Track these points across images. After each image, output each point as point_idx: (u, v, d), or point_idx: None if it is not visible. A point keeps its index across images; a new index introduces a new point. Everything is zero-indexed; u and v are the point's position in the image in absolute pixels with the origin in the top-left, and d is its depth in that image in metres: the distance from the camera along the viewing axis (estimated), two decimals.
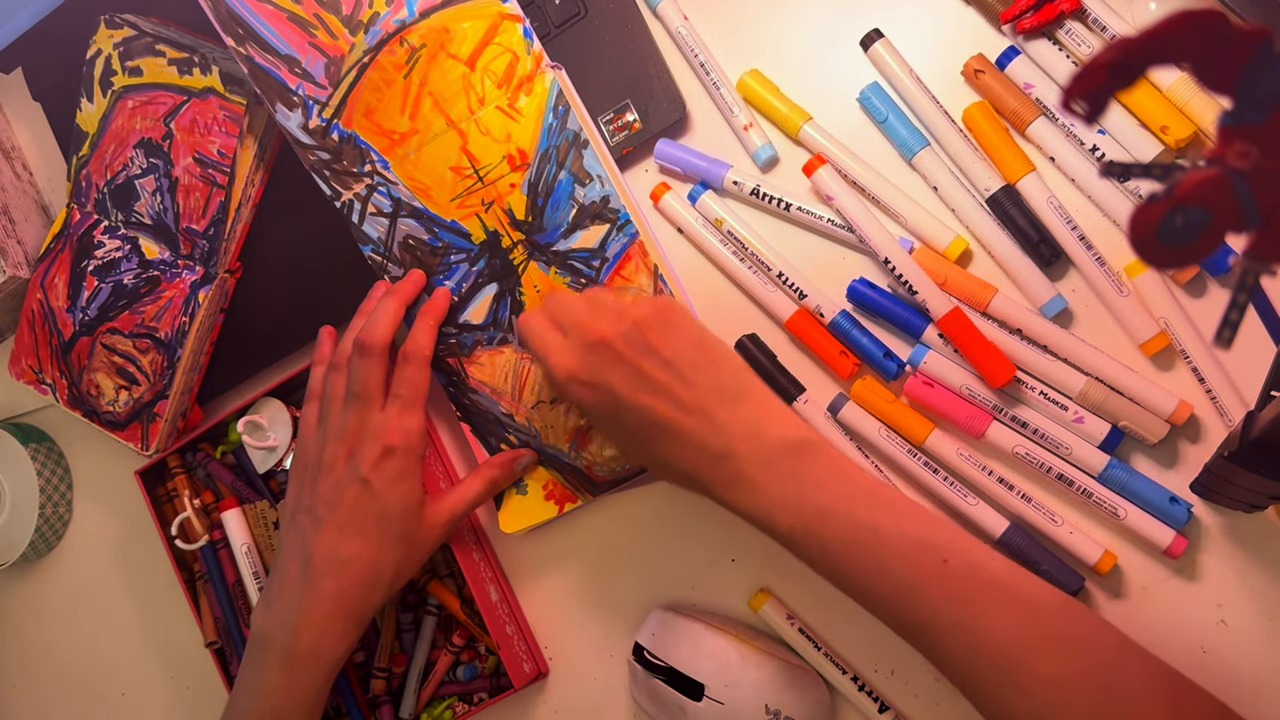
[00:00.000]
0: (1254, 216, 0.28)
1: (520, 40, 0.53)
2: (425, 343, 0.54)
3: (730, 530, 0.55)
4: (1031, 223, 0.49)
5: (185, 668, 0.67)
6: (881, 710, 0.51)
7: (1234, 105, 0.28)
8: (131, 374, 0.63)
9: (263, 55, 0.56)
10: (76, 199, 0.64)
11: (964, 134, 0.51)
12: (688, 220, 0.56)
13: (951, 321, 0.49)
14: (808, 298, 0.53)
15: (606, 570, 0.58)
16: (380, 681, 0.59)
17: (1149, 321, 0.48)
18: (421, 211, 0.55)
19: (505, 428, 0.56)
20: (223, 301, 0.63)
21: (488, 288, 0.55)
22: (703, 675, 0.50)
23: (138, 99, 0.62)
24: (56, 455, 0.71)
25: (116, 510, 0.69)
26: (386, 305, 0.54)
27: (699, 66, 0.55)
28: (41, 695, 0.72)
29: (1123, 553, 0.48)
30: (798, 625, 0.53)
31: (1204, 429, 0.48)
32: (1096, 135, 0.49)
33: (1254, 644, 0.47)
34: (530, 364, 0.55)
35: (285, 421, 0.61)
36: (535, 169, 0.54)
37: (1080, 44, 0.49)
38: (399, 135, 0.55)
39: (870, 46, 0.53)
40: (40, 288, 0.65)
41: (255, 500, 0.62)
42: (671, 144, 0.56)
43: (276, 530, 0.61)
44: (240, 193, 0.61)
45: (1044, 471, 0.49)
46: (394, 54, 0.55)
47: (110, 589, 0.70)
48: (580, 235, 0.54)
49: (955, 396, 0.50)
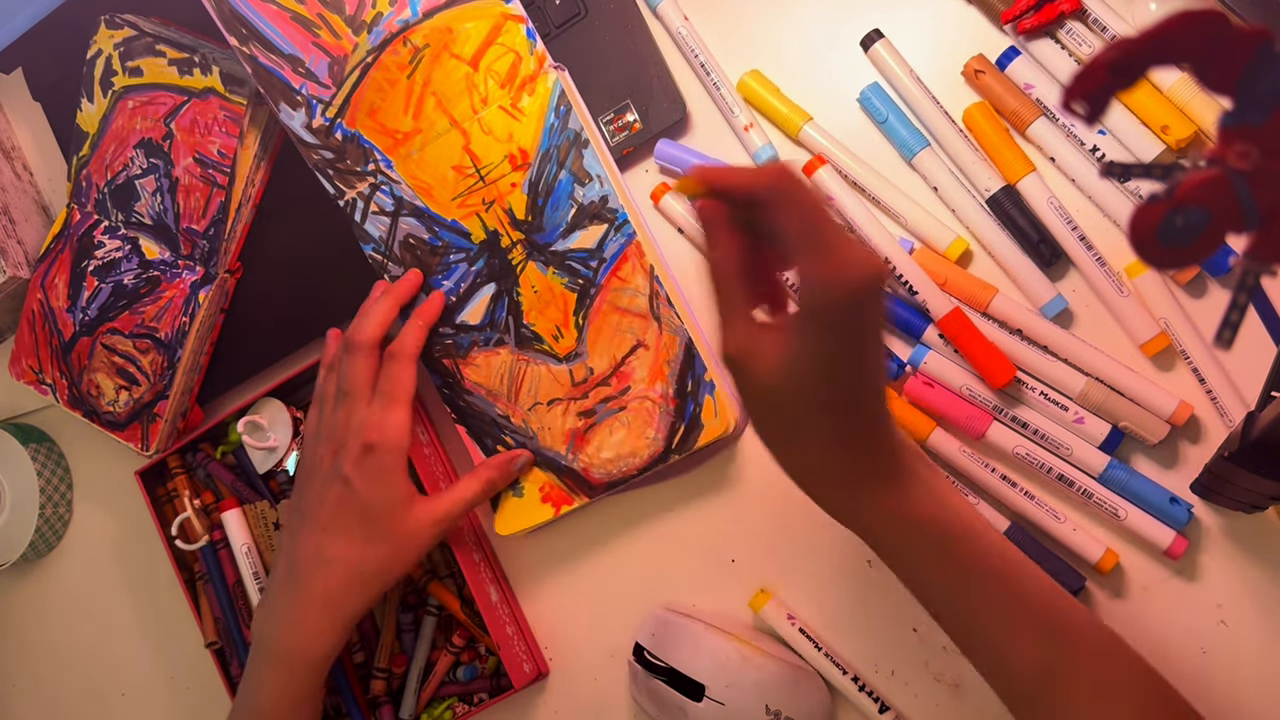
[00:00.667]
0: (1254, 217, 0.28)
1: (523, 41, 0.53)
2: (412, 341, 0.54)
3: (730, 530, 0.55)
4: (1032, 223, 0.49)
5: (185, 668, 0.67)
6: (881, 710, 0.51)
7: (1234, 105, 0.28)
8: (131, 374, 0.63)
9: (266, 55, 0.56)
10: (77, 199, 0.64)
11: (964, 134, 0.51)
12: (688, 220, 0.56)
13: (952, 322, 0.49)
14: None
15: (606, 570, 0.58)
16: (380, 682, 0.59)
17: (1149, 322, 0.48)
18: (423, 210, 0.55)
19: (501, 429, 0.56)
20: (223, 301, 0.63)
21: (486, 288, 0.55)
22: (703, 675, 0.50)
23: (138, 99, 0.62)
24: (56, 455, 0.70)
25: (116, 510, 0.69)
26: (380, 304, 0.54)
27: (699, 67, 0.55)
28: (42, 695, 0.72)
29: (1123, 553, 0.48)
30: (798, 625, 0.53)
31: (1204, 429, 0.48)
32: (1097, 135, 0.49)
33: (1254, 644, 0.47)
34: (527, 365, 0.55)
35: (285, 422, 0.61)
36: (536, 168, 0.54)
37: (1081, 44, 0.49)
38: (402, 134, 0.55)
39: (870, 47, 0.53)
40: (40, 288, 0.65)
41: (255, 500, 0.62)
42: (672, 144, 0.56)
43: (277, 530, 0.61)
44: (240, 193, 0.61)
45: (1044, 472, 0.49)
46: (397, 54, 0.55)
47: (110, 589, 0.70)
48: (579, 235, 0.54)
49: (955, 397, 0.50)
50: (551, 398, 0.55)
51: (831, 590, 0.53)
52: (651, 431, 0.53)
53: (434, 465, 0.58)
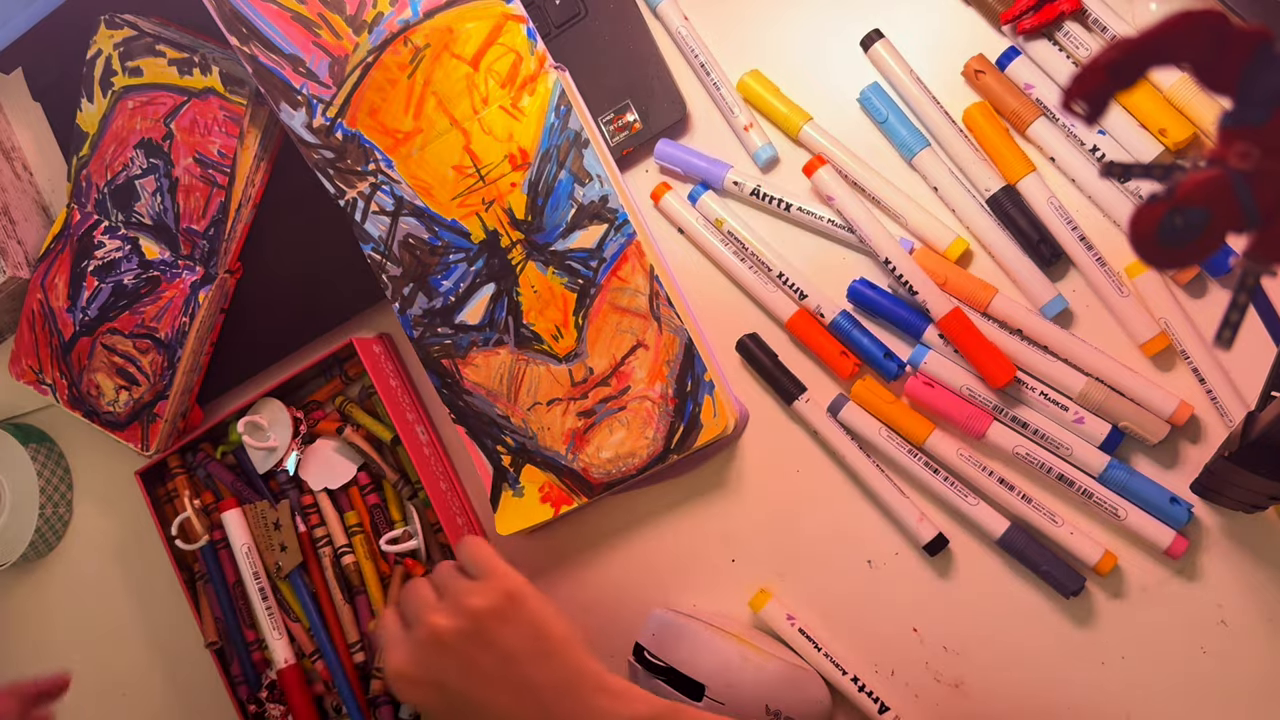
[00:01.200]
0: (1254, 217, 0.28)
1: (524, 41, 0.53)
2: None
3: (730, 530, 0.55)
4: (1032, 223, 0.49)
5: (185, 668, 0.67)
6: (881, 710, 0.51)
7: (1234, 106, 0.28)
8: (131, 374, 0.63)
9: (267, 54, 0.56)
10: (77, 199, 0.64)
11: (964, 134, 0.51)
12: (688, 220, 0.56)
13: (952, 322, 0.49)
14: (808, 298, 0.53)
15: (606, 570, 0.58)
16: (380, 682, 0.59)
17: (1149, 322, 0.48)
18: (423, 210, 0.55)
19: (501, 429, 0.56)
20: (223, 301, 0.63)
21: (485, 288, 0.55)
22: (703, 675, 0.50)
23: (138, 99, 0.62)
24: (56, 455, 0.70)
25: (116, 510, 0.69)
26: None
27: (699, 67, 0.55)
28: None
29: (1123, 553, 0.48)
30: (798, 625, 0.53)
31: (1204, 429, 0.48)
32: (1097, 136, 0.49)
33: (1254, 644, 0.47)
34: (526, 365, 0.55)
35: (285, 422, 0.61)
36: (536, 168, 0.54)
37: (1080, 45, 0.49)
38: (403, 134, 0.55)
39: (870, 47, 0.53)
40: (40, 288, 0.65)
41: (255, 500, 0.62)
42: (672, 144, 0.56)
43: (277, 530, 0.61)
44: (240, 193, 0.61)
45: (1044, 472, 0.49)
46: (398, 54, 0.55)
47: (110, 589, 0.70)
48: (578, 235, 0.54)
49: (955, 397, 0.50)
50: (551, 398, 0.55)
51: (831, 590, 0.53)
52: (651, 431, 0.53)
53: (434, 466, 0.58)
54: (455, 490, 0.60)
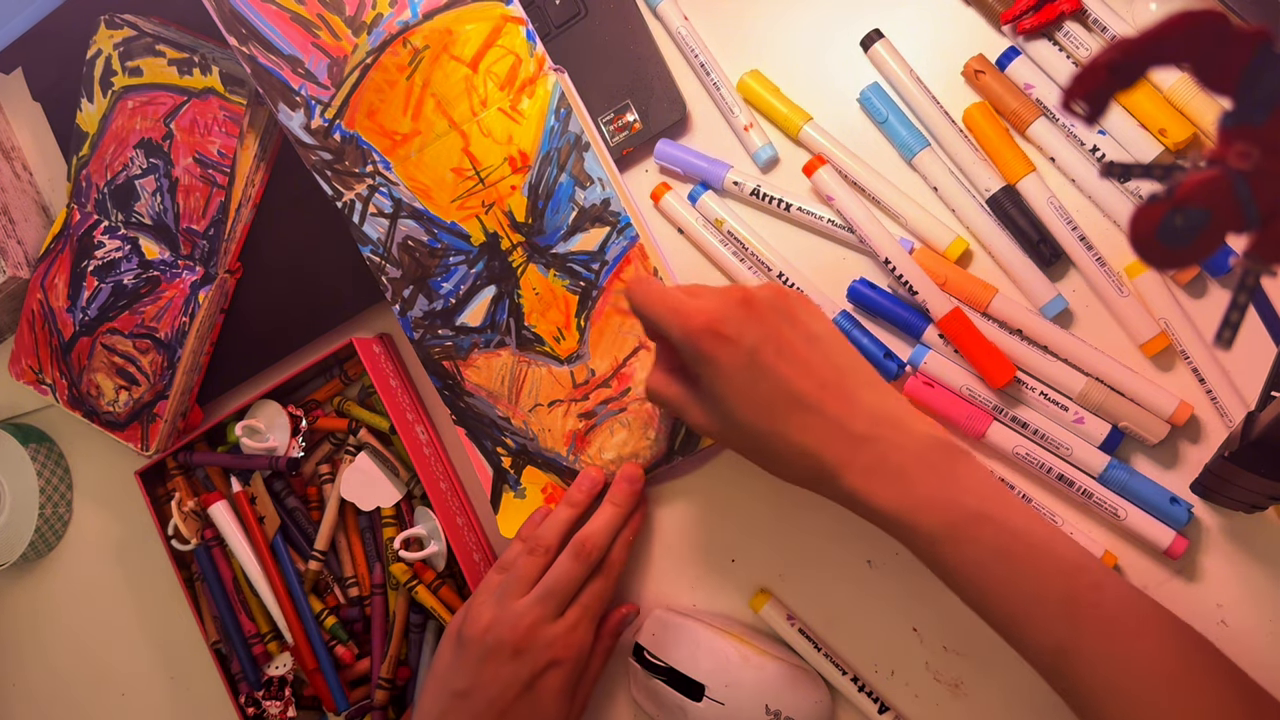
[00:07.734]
0: (1254, 217, 0.28)
1: (523, 43, 0.53)
2: (622, 559, 0.53)
3: (730, 530, 0.55)
4: (1032, 223, 0.49)
5: (185, 668, 0.67)
6: (881, 710, 0.51)
7: (1234, 106, 0.28)
8: (131, 374, 0.63)
9: (265, 55, 0.56)
10: (76, 199, 0.64)
11: (964, 134, 0.51)
12: (688, 220, 0.56)
13: (952, 322, 0.49)
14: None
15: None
16: (383, 693, 0.58)
17: (1149, 322, 0.48)
18: (422, 213, 0.55)
19: (502, 430, 0.56)
20: (223, 302, 0.63)
21: (486, 290, 0.55)
22: (703, 675, 0.50)
23: (138, 99, 0.62)
24: (56, 455, 0.71)
25: (116, 510, 0.69)
26: (609, 515, 0.53)
27: (699, 67, 0.55)
28: (41, 695, 0.72)
29: (1123, 553, 0.48)
30: (798, 625, 0.53)
31: (1204, 429, 0.48)
32: (1097, 136, 0.49)
33: (1254, 644, 0.47)
34: (528, 367, 0.55)
35: (283, 424, 0.61)
36: (536, 171, 0.54)
37: (1080, 45, 0.49)
38: (401, 136, 0.55)
39: (870, 47, 0.53)
40: (40, 288, 0.65)
41: (249, 473, 0.61)
42: (672, 144, 0.56)
43: (253, 504, 0.60)
44: (240, 193, 0.61)
45: (1044, 472, 0.49)
46: (397, 55, 0.55)
47: (110, 589, 0.70)
48: (580, 238, 0.54)
49: (955, 397, 0.50)
50: (552, 399, 0.55)
51: (831, 590, 0.53)
52: (652, 433, 0.53)
53: (434, 466, 0.58)
54: (455, 490, 0.60)
